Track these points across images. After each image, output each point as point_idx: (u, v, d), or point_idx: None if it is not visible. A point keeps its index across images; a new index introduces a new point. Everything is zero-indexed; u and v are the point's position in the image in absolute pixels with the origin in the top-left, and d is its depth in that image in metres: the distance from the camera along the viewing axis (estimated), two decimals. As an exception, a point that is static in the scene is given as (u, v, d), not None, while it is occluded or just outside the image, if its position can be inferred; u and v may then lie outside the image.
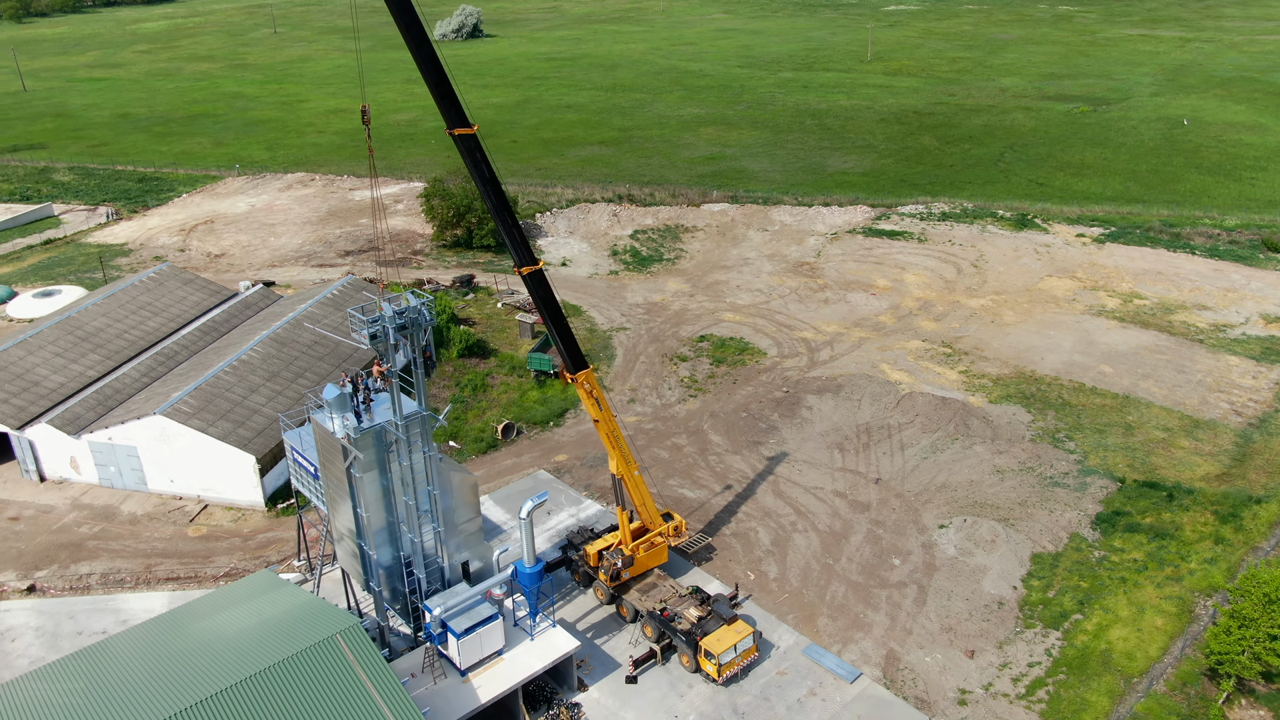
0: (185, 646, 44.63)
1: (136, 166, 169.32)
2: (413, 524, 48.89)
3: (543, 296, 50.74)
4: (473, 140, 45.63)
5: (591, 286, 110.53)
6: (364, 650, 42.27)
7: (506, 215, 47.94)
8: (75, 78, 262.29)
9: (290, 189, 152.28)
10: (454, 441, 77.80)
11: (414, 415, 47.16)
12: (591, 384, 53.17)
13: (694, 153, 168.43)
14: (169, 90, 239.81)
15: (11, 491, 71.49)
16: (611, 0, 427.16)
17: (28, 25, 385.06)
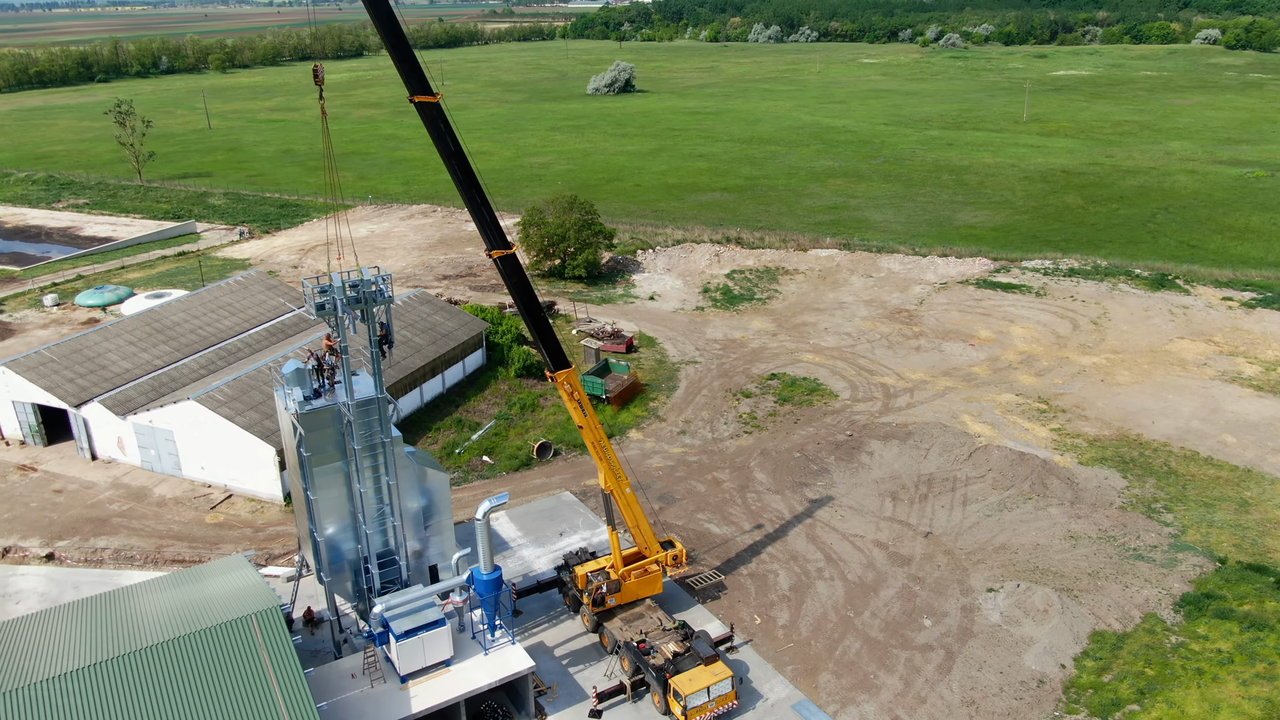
0: (121, 616, 43.63)
1: (283, 194, 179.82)
2: (367, 515, 46.53)
3: (516, 284, 48.07)
4: (436, 109, 43.90)
5: (673, 320, 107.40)
6: (275, 635, 40.00)
7: (475, 192, 45.73)
8: (255, 119, 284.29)
9: (411, 218, 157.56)
10: (488, 457, 75.76)
11: (367, 398, 45.04)
12: (573, 385, 49.80)
13: (817, 202, 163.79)
14: (332, 131, 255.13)
15: (64, 467, 74.30)
16: (768, 63, 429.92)
17: (230, 74, 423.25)
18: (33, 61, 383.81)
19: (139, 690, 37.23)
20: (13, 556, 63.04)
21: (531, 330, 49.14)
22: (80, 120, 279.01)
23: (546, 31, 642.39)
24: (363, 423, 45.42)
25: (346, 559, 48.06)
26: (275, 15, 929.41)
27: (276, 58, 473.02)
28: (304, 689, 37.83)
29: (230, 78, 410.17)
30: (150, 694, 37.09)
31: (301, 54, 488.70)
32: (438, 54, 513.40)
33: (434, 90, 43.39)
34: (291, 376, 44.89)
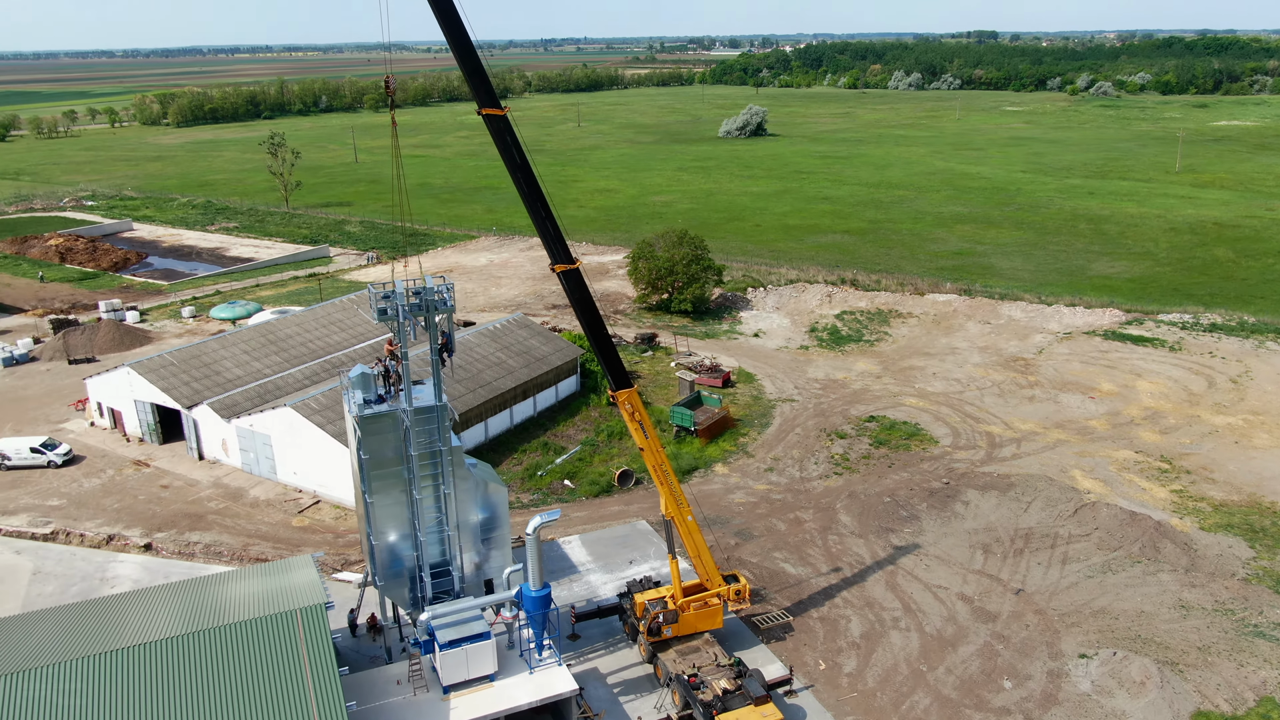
0: (185, 603, 45.14)
1: (414, 224, 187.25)
2: (423, 523, 46.84)
3: (579, 299, 47.78)
4: (503, 122, 44.38)
5: (775, 358, 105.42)
6: (316, 631, 40.48)
7: (539, 205, 45.91)
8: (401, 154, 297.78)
9: (530, 250, 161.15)
10: (570, 481, 75.63)
11: (426, 406, 45.52)
12: (635, 405, 49.01)
13: (941, 247, 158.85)
14: (469, 167, 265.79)
15: (174, 464, 78.39)
16: (906, 110, 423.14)
17: (382, 113, 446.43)
18: (208, 99, 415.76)
19: (183, 670, 38.33)
20: (115, 544, 66.58)
21: (593, 347, 48.77)
22: (242, 153, 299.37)
23: (685, 77, 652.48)
24: (421, 430, 45.90)
25: (403, 566, 48.41)
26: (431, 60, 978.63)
27: (426, 99, 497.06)
28: (336, 686, 38.05)
29: (382, 116, 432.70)
30: (192, 675, 38.13)
31: (450, 95, 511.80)
32: (577, 96, 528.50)
33: (500, 104, 43.97)
34: (356, 380, 45.88)
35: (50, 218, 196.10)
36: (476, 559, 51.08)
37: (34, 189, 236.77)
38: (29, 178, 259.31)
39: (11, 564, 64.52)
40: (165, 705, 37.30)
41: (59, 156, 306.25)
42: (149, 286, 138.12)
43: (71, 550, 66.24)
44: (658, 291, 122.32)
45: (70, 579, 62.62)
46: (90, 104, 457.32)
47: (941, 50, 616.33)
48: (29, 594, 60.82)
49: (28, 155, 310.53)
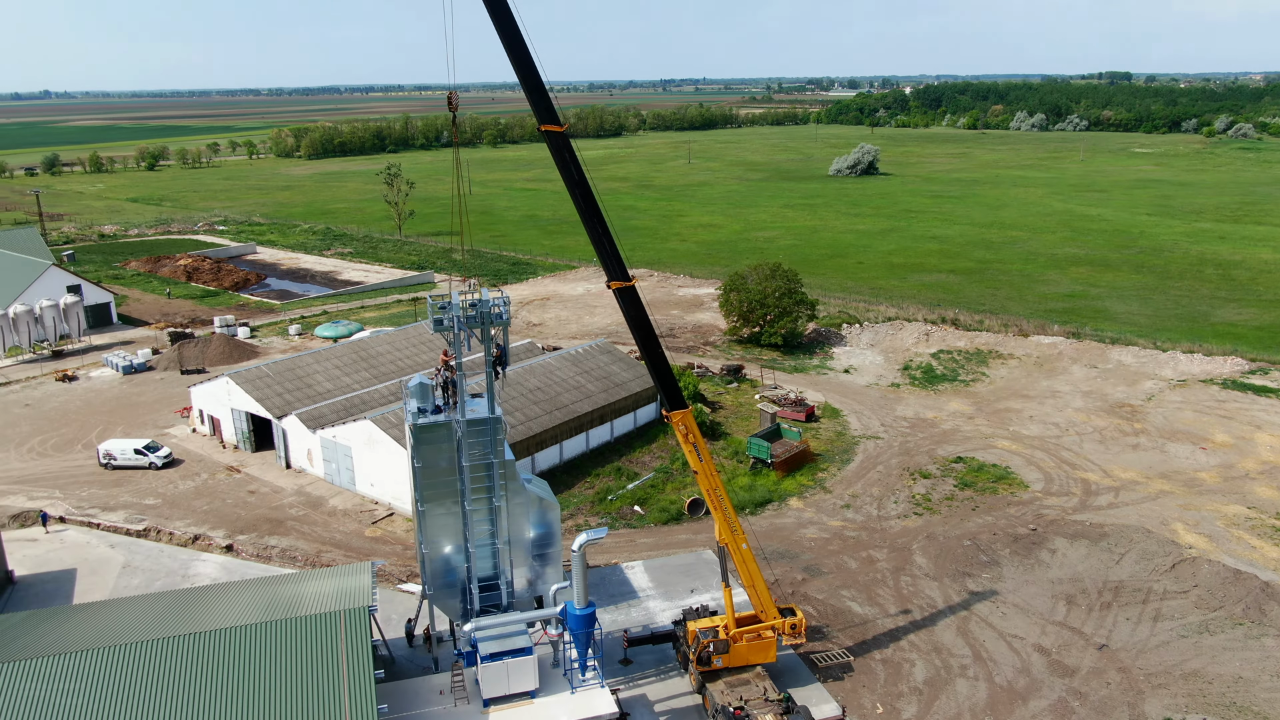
0: (243, 599, 46.58)
1: (518, 253, 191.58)
2: (472, 534, 47.16)
3: (634, 317, 47.55)
4: (561, 139, 44.80)
5: (864, 394, 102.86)
6: (356, 634, 41.04)
7: (596, 222, 46.06)
8: (512, 187, 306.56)
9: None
10: (640, 507, 75.17)
11: (480, 418, 45.97)
12: (689, 427, 48.32)
13: (1052, 289, 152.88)
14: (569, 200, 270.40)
15: (263, 471, 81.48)
16: (1027, 151, 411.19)
17: (499, 149, 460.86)
18: (337, 133, 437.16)
19: (228, 659, 39.51)
20: (200, 544, 69.43)
21: (648, 366, 48.44)
22: (364, 183, 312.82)
23: (800, 117, 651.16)
24: (473, 442, 46.34)
25: (454, 577, 48.78)
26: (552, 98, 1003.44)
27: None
28: (370, 688, 38.42)
29: (498, 151, 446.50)
30: (237, 665, 39.27)
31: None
32: (690, 134, 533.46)
33: (561, 120, 44.47)
34: (413, 390, 46.77)
35: (184, 240, 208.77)
36: (529, 575, 51.09)
37: (173, 214, 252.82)
38: (171, 203, 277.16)
39: (105, 557, 67.98)
40: (207, 690, 38.40)
41: (200, 185, 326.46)
42: (263, 305, 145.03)
43: (160, 547, 69.37)
44: (749, 324, 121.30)
45: (156, 574, 65.51)
46: (232, 137, 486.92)
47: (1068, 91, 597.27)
48: (116, 585, 63.87)
49: (172, 183, 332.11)
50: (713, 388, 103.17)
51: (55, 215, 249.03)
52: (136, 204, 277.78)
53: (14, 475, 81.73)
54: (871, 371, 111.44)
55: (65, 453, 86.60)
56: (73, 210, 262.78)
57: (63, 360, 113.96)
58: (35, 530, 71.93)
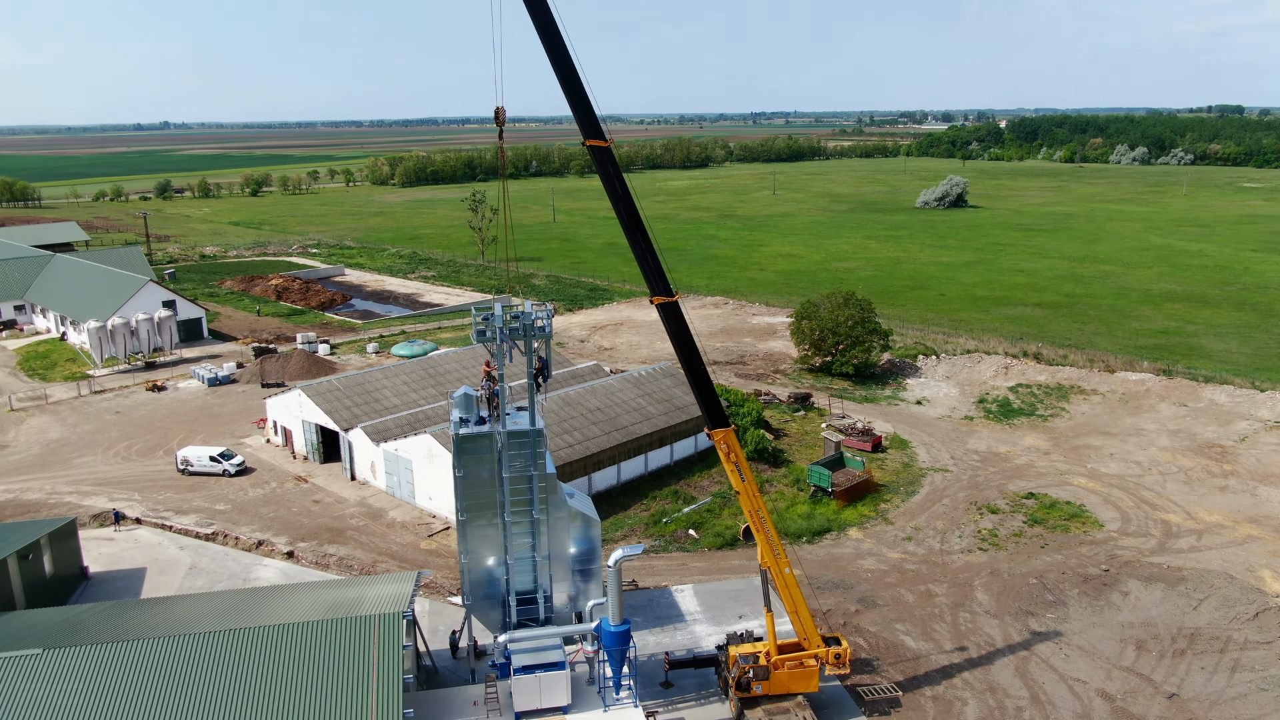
0: (288, 601, 47.65)
1: (596, 279, 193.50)
2: (510, 546, 47.33)
3: (676, 333, 47.24)
4: (606, 154, 45.00)
5: (935, 426, 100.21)
6: (389, 638, 41.46)
7: (640, 236, 46.03)
8: (595, 216, 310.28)
9: (702, 308, 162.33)
10: (695, 531, 74.45)
11: (520, 429, 46.26)
12: (731, 445, 47.66)
13: (1144, 325, 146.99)
14: (659, 229, 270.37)
15: (328, 482, 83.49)
16: (1127, 185, 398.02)
17: (586, 178, 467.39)
18: (430, 162, 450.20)
19: (259, 656, 40.38)
20: (263, 549, 71.36)
21: (691, 383, 48.05)
22: (452, 210, 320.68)
23: (890, 149, 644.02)
24: (515, 454, 46.61)
25: (493, 589, 48.96)
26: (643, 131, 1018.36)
27: (629, 165, 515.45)
28: (397, 692, 38.70)
29: (585, 181, 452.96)
30: (268, 661, 40.10)
31: (652, 163, 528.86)
32: (777, 166, 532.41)
33: (605, 136, 44.78)
34: (459, 401, 47.35)
35: (278, 261, 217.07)
36: (570, 591, 50.95)
37: (270, 237, 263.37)
38: (269, 227, 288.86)
39: (174, 558, 70.42)
40: (239, 683, 39.29)
41: (297, 210, 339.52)
42: (345, 324, 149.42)
43: (226, 551, 71.53)
44: (820, 353, 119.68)
45: (219, 576, 67.52)
46: (331, 165, 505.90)
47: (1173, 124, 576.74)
48: (182, 586, 66.01)
49: (272, 208, 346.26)
50: (778, 415, 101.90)
51: (163, 236, 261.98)
52: (238, 227, 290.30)
53: (99, 477, 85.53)
54: (945, 404, 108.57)
55: (148, 458, 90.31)
56: (179, 232, 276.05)
57: (155, 371, 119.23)
58: (113, 530, 75.00)
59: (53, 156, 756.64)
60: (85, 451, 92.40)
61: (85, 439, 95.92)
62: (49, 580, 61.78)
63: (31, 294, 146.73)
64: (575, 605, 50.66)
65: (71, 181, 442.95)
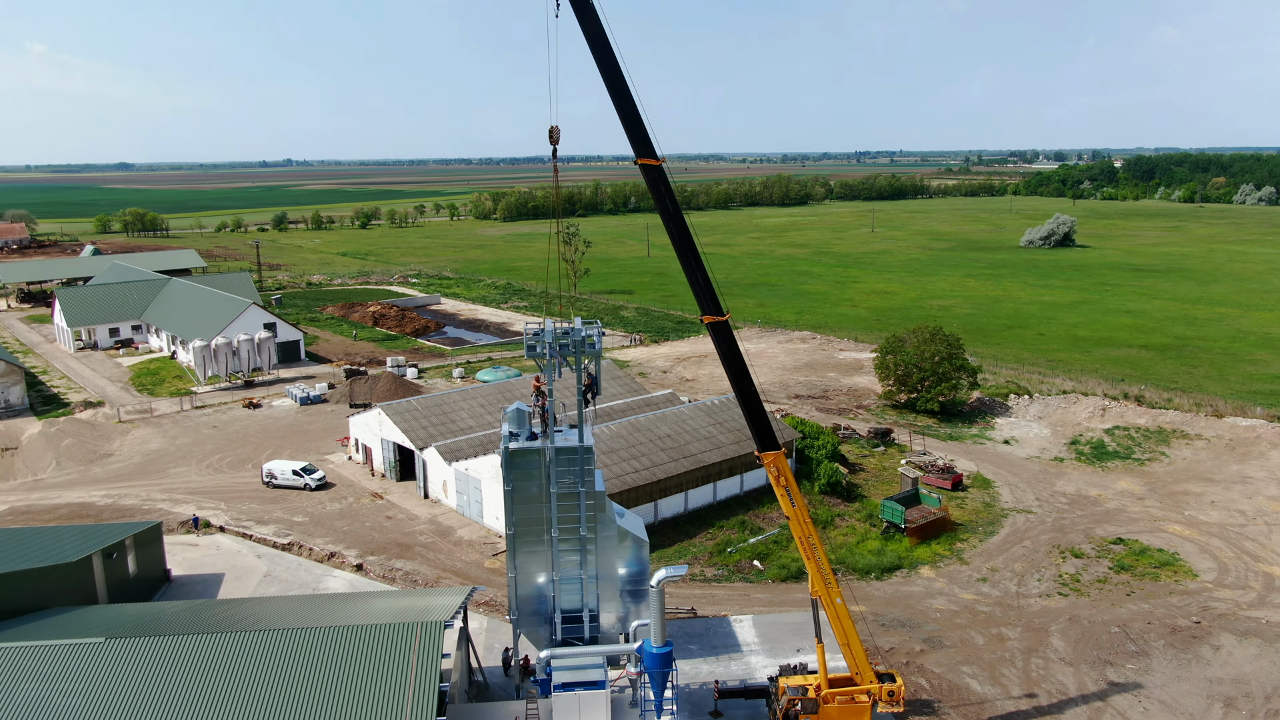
0: (340, 607, 48.80)
1: (685, 313, 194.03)
2: (557, 564, 47.43)
3: (726, 353, 46.81)
4: (658, 172, 45.16)
5: (1022, 467, 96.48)
6: (429, 647, 41.92)
7: (691, 255, 45.94)
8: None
9: (789, 342, 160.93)
10: (759, 562, 73.26)
11: (569, 446, 46.49)
12: (781, 469, 46.79)
13: (1261, 370, 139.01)
14: (752, 264, 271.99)
15: (402, 500, 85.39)
16: (1251, 225, 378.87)
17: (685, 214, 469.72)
18: (531, 198, 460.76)
19: (303, 656, 41.42)
20: (334, 561, 73.33)
21: (740, 404, 47.52)
22: (550, 244, 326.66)
23: (996, 188, 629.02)
24: (563, 470, 46.83)
25: (541, 606, 49.06)
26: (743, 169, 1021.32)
27: (727, 202, 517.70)
28: (433, 699, 39.01)
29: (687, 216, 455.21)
30: (309, 661, 41.13)
31: (750, 200, 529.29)
32: (878, 204, 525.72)
33: (658, 155, 45.00)
34: (511, 416, 47.96)
35: (378, 289, 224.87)
36: (620, 612, 50.66)
37: (374, 266, 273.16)
38: (374, 258, 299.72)
39: (250, 565, 72.96)
40: (280, 681, 40.32)
41: (402, 242, 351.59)
42: (435, 350, 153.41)
43: (299, 561, 73.74)
44: (905, 389, 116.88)
45: (290, 584, 69.59)
46: (437, 200, 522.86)
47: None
48: (255, 591, 68.26)
49: (379, 240, 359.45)
50: (856, 450, 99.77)
51: (275, 265, 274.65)
52: (345, 257, 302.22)
53: (190, 487, 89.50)
54: (1034, 444, 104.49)
55: (237, 470, 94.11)
56: (290, 261, 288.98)
57: (252, 389, 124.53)
58: (198, 536, 78.25)
59: (184, 190, 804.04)
60: (181, 462, 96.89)
61: (182, 450, 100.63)
62: (132, 580, 64.71)
63: (148, 314, 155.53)
64: (624, 627, 50.31)
65: (197, 214, 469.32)
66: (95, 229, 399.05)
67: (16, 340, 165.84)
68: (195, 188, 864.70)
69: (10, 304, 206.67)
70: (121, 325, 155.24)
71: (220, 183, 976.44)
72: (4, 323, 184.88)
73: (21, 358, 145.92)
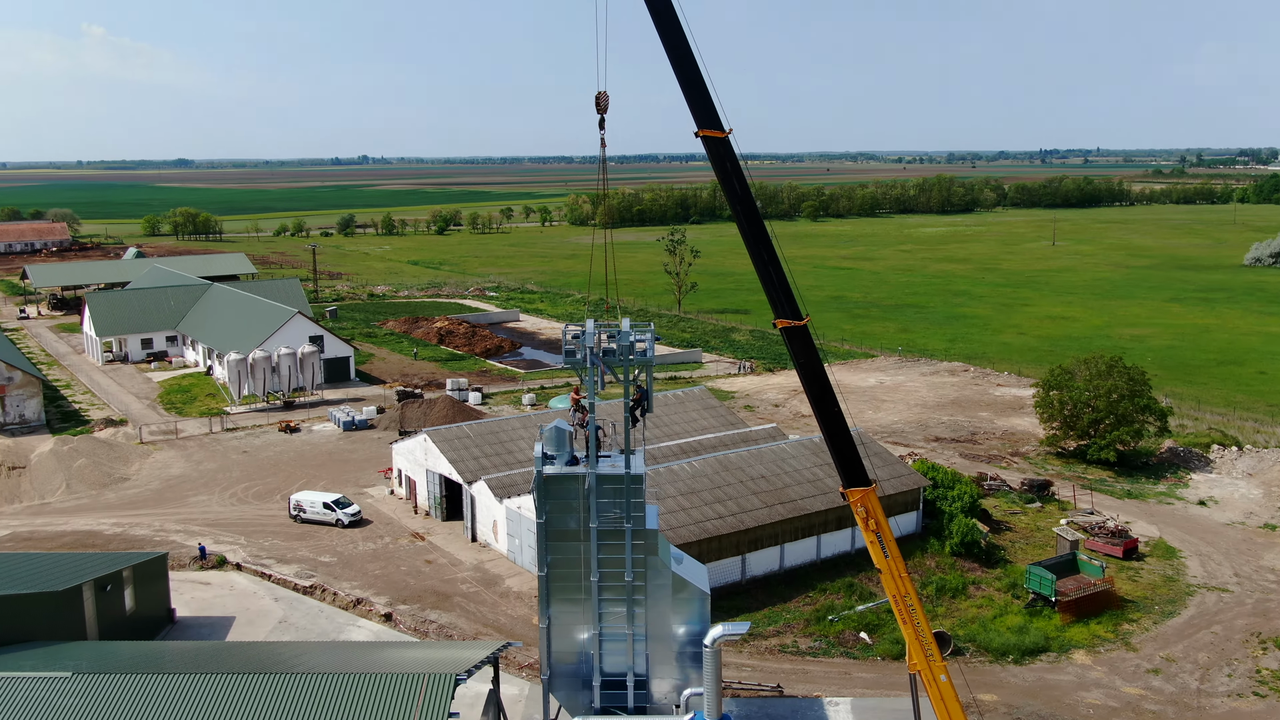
0: (349, 654, 49.96)
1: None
2: (598, 614, 47.34)
3: (805, 365, 46.07)
4: (723, 146, 44.78)
5: (1219, 534, 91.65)
6: (437, 701, 42.45)
7: (762, 247, 45.42)
8: (822, 264, 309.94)
9: (934, 375, 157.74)
10: (867, 635, 71.52)
11: (613, 473, 46.47)
12: (871, 509, 45.59)
13: None
14: (897, 282, 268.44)
15: (446, 542, 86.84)
16: None
17: (819, 223, 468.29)
18: (637, 201, 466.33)
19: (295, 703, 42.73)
20: (361, 608, 74.99)
21: (822, 429, 46.68)
22: (653, 255, 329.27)
23: (1218, 194, 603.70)
24: (606, 501, 46.80)
25: (580, 668, 48.99)
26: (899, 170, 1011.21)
27: (874, 209, 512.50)
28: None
29: (817, 226, 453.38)
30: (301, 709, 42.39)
31: (902, 206, 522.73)
32: (1062, 212, 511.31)
33: (723, 125, 44.79)
34: (549, 435, 48.29)
35: (449, 303, 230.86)
36: (676, 679, 50.19)
37: (448, 277, 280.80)
38: (449, 267, 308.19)
39: (265, 609, 75.26)
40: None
41: (484, 250, 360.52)
42: (506, 373, 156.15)
43: (320, 607, 75.67)
44: (1072, 432, 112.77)
45: (308, 632, 71.45)
46: (528, 203, 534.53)
47: None
48: (267, 639, 70.32)
49: (457, 247, 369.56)
50: (1004, 505, 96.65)
51: (335, 274, 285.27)
52: (415, 266, 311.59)
53: (209, 518, 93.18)
54: (1238, 506, 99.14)
55: (264, 501, 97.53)
56: (354, 270, 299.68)
57: (291, 411, 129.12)
58: (211, 574, 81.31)
59: (244, 190, 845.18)
60: (203, 490, 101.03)
61: (206, 477, 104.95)
62: (129, 618, 67.55)
63: (184, 324, 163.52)
64: (679, 697, 49.72)
65: (254, 216, 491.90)
66: (143, 231, 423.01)
67: (42, 350, 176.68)
68: (257, 187, 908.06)
69: (41, 310, 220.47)
70: (155, 336, 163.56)
71: (285, 181, 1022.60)
72: (32, 331, 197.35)
73: (45, 370, 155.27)
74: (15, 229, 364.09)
